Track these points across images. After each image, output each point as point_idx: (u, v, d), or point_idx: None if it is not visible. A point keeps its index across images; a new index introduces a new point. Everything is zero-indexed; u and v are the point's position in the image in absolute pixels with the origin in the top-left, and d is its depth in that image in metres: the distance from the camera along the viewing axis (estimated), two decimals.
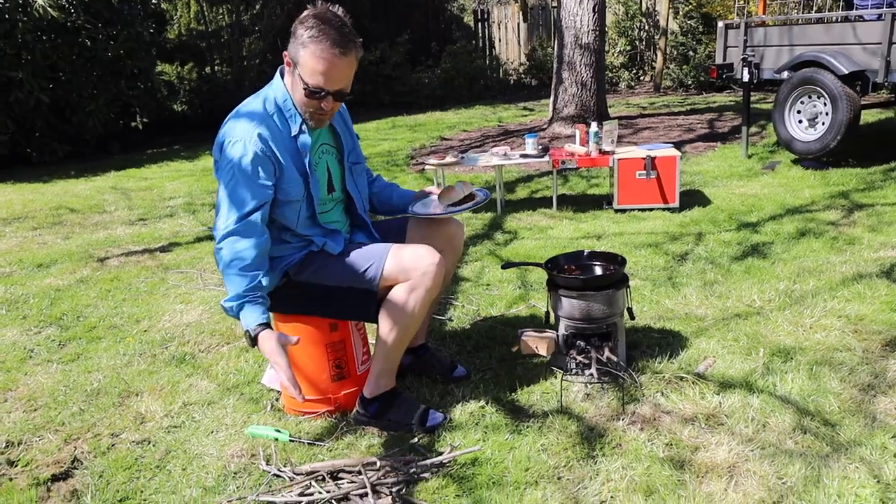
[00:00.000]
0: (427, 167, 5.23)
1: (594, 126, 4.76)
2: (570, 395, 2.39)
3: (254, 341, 2.02)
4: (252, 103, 2.14)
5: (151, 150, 9.55)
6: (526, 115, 10.03)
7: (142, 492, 2.07)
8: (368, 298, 2.18)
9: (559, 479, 1.97)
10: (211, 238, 4.93)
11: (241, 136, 2.05)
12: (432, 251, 2.14)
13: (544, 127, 8.14)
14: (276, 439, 2.24)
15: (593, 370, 2.36)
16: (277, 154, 2.09)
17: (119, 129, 9.79)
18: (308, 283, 2.22)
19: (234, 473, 2.11)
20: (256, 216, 2.06)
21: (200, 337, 3.16)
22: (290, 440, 2.19)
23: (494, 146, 7.08)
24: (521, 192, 5.79)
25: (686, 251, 3.84)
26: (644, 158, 4.56)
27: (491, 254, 4.10)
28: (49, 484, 2.15)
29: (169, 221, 5.53)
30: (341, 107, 2.30)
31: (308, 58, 2.02)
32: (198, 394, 2.63)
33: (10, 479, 2.19)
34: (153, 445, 2.31)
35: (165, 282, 3.99)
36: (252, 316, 2.04)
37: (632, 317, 2.56)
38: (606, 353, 2.41)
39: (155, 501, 2.02)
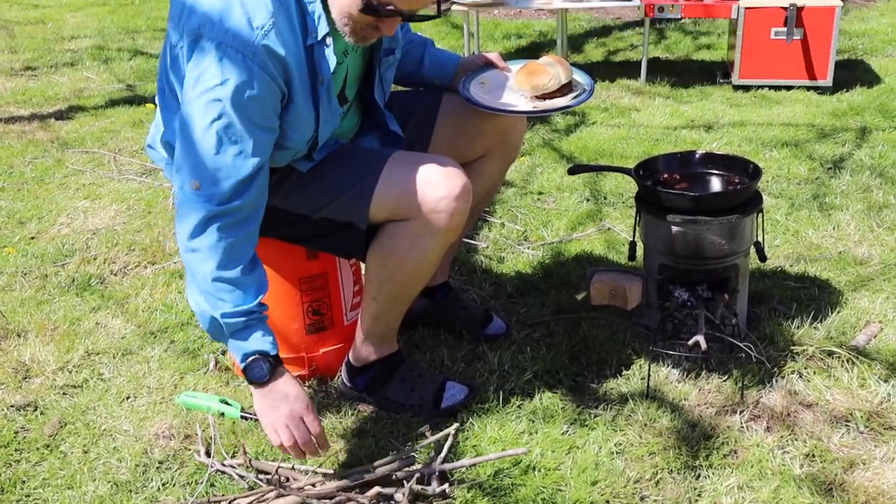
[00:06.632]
0: (456, 7, 5.12)
1: None
2: (661, 372, 2.33)
3: (268, 378, 1.87)
4: None
5: None
6: None
7: (23, 482, 2.04)
8: (353, 235, 2.03)
9: (642, 499, 1.91)
10: (130, 101, 4.83)
11: (241, 43, 1.72)
12: (453, 173, 1.95)
13: None
14: (223, 414, 2.18)
15: (700, 336, 2.26)
16: (291, 71, 1.82)
17: None
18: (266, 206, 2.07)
19: (159, 464, 2.07)
20: (259, 181, 1.85)
21: (113, 252, 3.12)
22: (243, 416, 2.13)
23: None
24: (594, 53, 5.70)
25: (842, 155, 3.74)
26: (786, 9, 4.46)
27: (546, 145, 4.01)
28: None
29: (69, 73, 5.48)
30: None
31: None
32: (108, 339, 2.59)
33: None
34: (41, 413, 2.28)
35: (63, 165, 3.95)
36: (262, 339, 1.87)
37: (762, 257, 2.44)
38: (721, 309, 2.32)
39: (41, 499, 1.98)
